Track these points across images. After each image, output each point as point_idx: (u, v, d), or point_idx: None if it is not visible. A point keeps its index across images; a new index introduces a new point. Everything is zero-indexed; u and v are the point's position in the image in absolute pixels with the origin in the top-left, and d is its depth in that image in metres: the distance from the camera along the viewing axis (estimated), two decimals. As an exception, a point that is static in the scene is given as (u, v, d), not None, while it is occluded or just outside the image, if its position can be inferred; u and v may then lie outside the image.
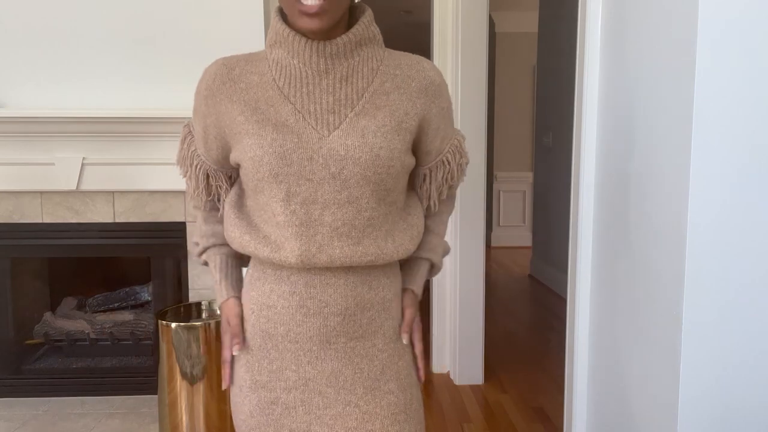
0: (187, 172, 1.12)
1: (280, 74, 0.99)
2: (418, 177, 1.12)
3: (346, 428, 1.01)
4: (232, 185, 1.12)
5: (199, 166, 1.10)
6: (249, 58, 1.03)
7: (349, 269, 1.01)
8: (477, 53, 2.76)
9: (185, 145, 1.11)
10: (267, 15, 2.57)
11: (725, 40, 1.10)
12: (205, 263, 1.17)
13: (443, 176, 1.11)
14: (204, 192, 1.12)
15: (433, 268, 1.17)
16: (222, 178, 1.11)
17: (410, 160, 1.03)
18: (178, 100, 2.43)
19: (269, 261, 1.01)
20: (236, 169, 1.08)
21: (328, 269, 1.00)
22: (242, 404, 1.06)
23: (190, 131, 1.11)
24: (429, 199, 1.13)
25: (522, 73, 6.19)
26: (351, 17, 1.02)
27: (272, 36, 1.00)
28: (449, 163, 1.11)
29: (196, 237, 1.18)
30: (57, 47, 2.49)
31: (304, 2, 0.92)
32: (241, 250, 1.05)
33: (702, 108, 1.11)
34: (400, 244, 1.04)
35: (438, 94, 1.05)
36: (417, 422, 1.07)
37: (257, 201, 1.02)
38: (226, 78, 1.00)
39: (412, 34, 5.87)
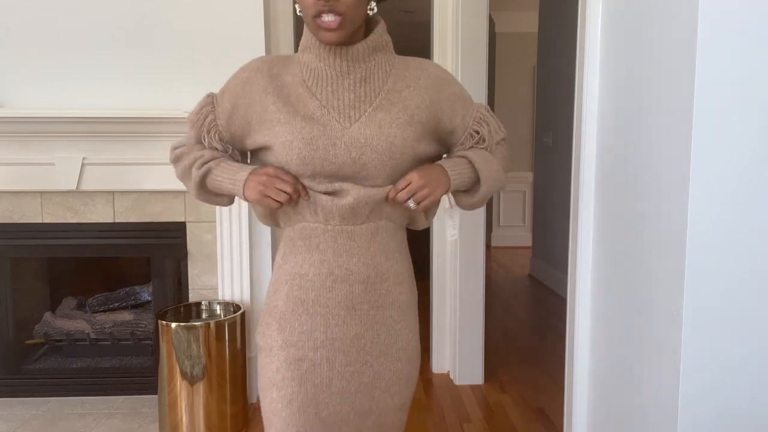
0: (200, 132, 1.23)
1: (309, 75, 1.16)
2: (452, 154, 1.27)
3: (360, 383, 1.20)
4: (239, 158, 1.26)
5: (215, 133, 1.22)
6: (285, 61, 1.21)
7: (370, 239, 1.18)
8: (477, 53, 2.76)
9: (203, 111, 1.23)
10: (267, 16, 2.57)
11: (725, 40, 1.10)
12: (204, 174, 1.21)
13: (475, 143, 1.26)
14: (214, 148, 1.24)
15: (474, 167, 1.23)
16: (229, 148, 1.24)
17: (425, 148, 1.20)
18: (178, 100, 2.43)
19: (304, 217, 1.17)
20: (240, 151, 1.26)
21: (353, 239, 1.17)
22: (270, 363, 1.19)
23: (212, 101, 1.23)
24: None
25: (522, 73, 6.19)
26: (367, 27, 1.18)
27: (303, 42, 1.18)
28: (478, 132, 1.25)
29: (193, 155, 1.23)
30: (57, 47, 2.48)
31: (324, 18, 1.08)
32: (273, 224, 1.25)
33: (702, 108, 1.11)
34: (410, 211, 1.22)
35: (445, 85, 1.22)
36: (411, 390, 1.28)
37: None
38: (266, 73, 1.18)
39: (412, 34, 5.87)
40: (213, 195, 1.26)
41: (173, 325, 2.25)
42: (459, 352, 2.89)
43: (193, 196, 1.27)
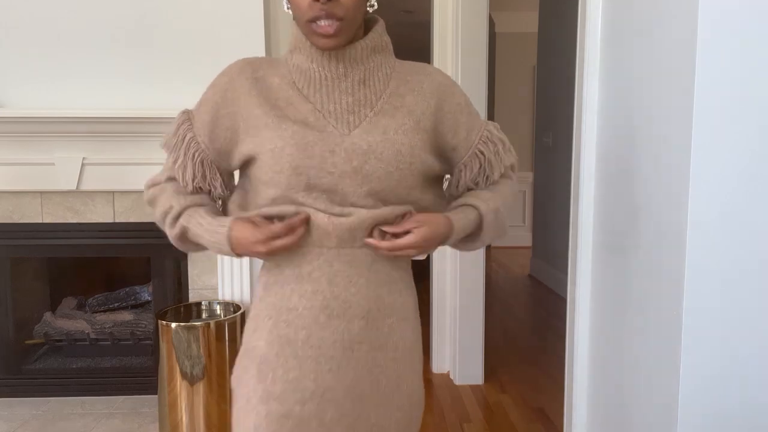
0: (178, 159, 1.06)
1: (300, 77, 1.02)
2: (453, 178, 1.12)
3: None
4: (225, 185, 1.10)
5: (197, 154, 1.05)
6: (271, 62, 1.06)
7: (370, 266, 1.01)
8: (477, 53, 2.76)
9: (180, 131, 1.06)
10: (267, 17, 2.57)
11: (725, 39, 1.10)
12: (181, 234, 1.07)
13: (480, 168, 1.10)
14: (198, 179, 1.07)
15: (482, 224, 1.09)
16: (216, 172, 1.07)
17: (431, 161, 1.05)
18: (178, 100, 2.42)
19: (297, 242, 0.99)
20: (228, 170, 1.09)
21: (351, 265, 1.00)
22: (246, 417, 1.01)
23: (189, 118, 1.07)
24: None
25: (522, 73, 6.19)
26: (365, 26, 1.06)
27: (292, 42, 1.05)
28: (483, 153, 1.10)
29: (163, 203, 1.08)
30: (57, 47, 2.48)
31: (321, 23, 0.95)
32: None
33: (702, 108, 1.11)
34: None
35: (450, 93, 1.08)
36: None
37: (267, 195, 1.00)
38: (250, 76, 1.03)
39: (412, 34, 5.87)
40: (195, 246, 1.10)
41: (173, 325, 2.25)
42: (459, 352, 2.89)
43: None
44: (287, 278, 1.01)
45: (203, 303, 2.58)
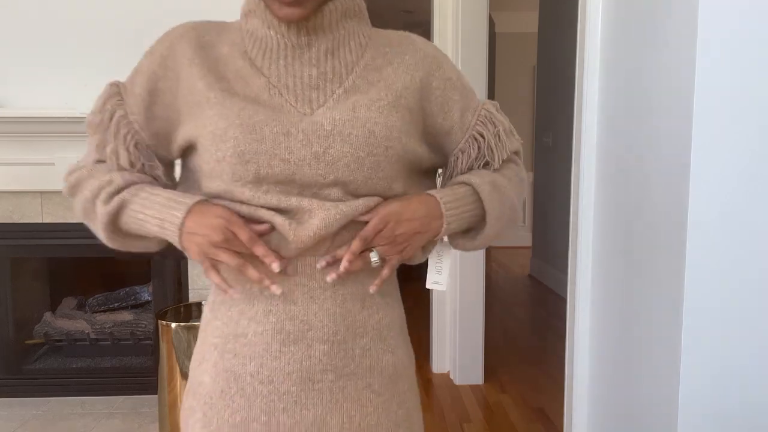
0: (107, 143, 0.86)
1: (254, 45, 0.84)
2: (447, 170, 0.94)
3: None
4: (166, 172, 0.91)
5: (130, 136, 0.85)
6: (221, 28, 0.89)
7: (336, 281, 0.82)
8: (477, 53, 2.76)
9: (108, 107, 0.87)
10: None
11: (725, 39, 1.10)
12: (115, 211, 0.84)
13: (479, 153, 0.91)
14: (138, 166, 0.87)
15: (481, 201, 0.87)
16: (153, 158, 0.88)
17: (416, 147, 0.86)
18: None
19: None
20: (167, 160, 0.90)
21: (313, 277, 0.81)
22: None
23: (119, 92, 0.88)
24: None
25: (522, 73, 6.19)
26: None
27: (245, 5, 0.88)
28: (482, 135, 0.90)
29: (97, 180, 0.85)
30: (57, 47, 2.48)
31: None
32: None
33: (702, 108, 1.11)
34: None
35: (437, 66, 0.89)
36: None
37: (208, 191, 0.83)
38: (194, 43, 0.85)
39: (412, 34, 5.86)
40: (132, 238, 0.87)
41: (173, 325, 2.25)
42: (459, 352, 2.89)
43: (103, 240, 0.87)
44: (235, 297, 0.84)
45: (203, 303, 2.58)
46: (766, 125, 1.11)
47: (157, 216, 0.81)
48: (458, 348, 2.89)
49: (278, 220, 0.79)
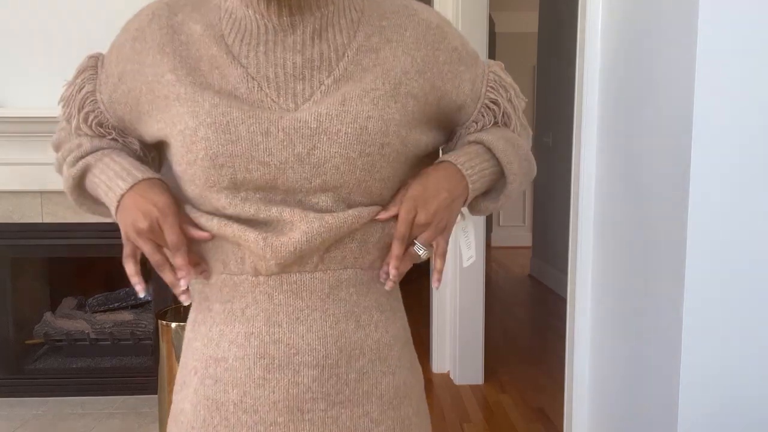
0: (71, 117, 0.84)
1: (232, 28, 0.74)
2: (455, 138, 0.87)
3: None
4: (144, 148, 0.84)
5: (92, 114, 0.81)
6: (198, 4, 0.78)
7: (329, 295, 0.74)
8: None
9: (79, 81, 0.83)
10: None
11: (725, 39, 1.10)
12: (79, 175, 0.81)
13: (495, 122, 0.85)
14: (99, 137, 0.82)
15: (495, 154, 0.81)
16: (125, 135, 0.83)
17: (418, 137, 0.77)
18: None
19: (224, 264, 0.74)
20: (145, 142, 0.84)
21: (300, 296, 0.73)
22: None
23: (95, 65, 0.83)
24: None
25: (522, 73, 6.19)
26: None
27: None
28: (496, 103, 0.83)
29: (72, 143, 0.84)
30: (57, 47, 2.48)
31: None
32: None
33: (702, 108, 1.11)
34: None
35: (441, 37, 0.79)
36: None
37: (186, 197, 0.76)
38: (164, 23, 0.76)
39: (412, 34, 5.86)
40: (97, 203, 0.85)
41: (173, 325, 2.25)
42: (459, 352, 2.89)
43: (72, 202, 0.86)
44: (216, 317, 0.76)
45: (203, 303, 2.58)
46: (766, 125, 1.11)
47: (106, 182, 0.76)
48: (458, 348, 2.89)
49: (251, 236, 0.70)
